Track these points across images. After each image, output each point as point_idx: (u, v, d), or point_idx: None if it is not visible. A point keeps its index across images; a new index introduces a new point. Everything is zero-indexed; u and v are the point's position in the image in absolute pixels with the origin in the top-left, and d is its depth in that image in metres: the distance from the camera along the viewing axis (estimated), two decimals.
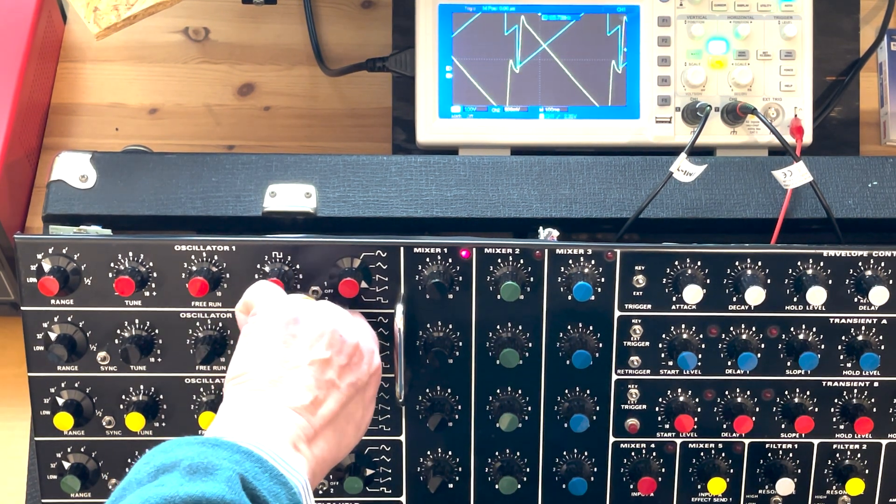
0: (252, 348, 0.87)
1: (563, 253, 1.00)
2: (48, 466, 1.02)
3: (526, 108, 1.16)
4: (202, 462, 0.72)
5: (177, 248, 0.99)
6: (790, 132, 1.15)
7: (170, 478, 0.71)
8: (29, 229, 1.21)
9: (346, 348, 0.88)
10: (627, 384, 1.02)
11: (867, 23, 1.29)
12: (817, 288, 0.98)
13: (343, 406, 0.87)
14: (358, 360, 0.89)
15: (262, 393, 0.83)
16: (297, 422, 0.82)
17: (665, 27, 1.16)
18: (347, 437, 0.88)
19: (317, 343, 0.87)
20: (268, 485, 0.74)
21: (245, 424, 0.81)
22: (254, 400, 0.83)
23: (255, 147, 1.27)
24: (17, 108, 1.17)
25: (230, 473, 0.72)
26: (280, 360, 0.85)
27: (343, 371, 0.87)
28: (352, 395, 0.88)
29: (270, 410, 0.82)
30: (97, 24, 1.06)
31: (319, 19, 1.30)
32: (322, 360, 0.86)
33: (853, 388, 1.03)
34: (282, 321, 0.88)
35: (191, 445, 0.74)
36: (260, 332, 0.88)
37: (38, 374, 1.00)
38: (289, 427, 0.82)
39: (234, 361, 0.87)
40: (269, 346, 0.86)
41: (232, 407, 0.83)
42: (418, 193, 1.07)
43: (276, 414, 0.82)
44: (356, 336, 0.91)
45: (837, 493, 1.05)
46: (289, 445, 0.80)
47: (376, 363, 0.92)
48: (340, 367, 0.87)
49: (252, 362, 0.86)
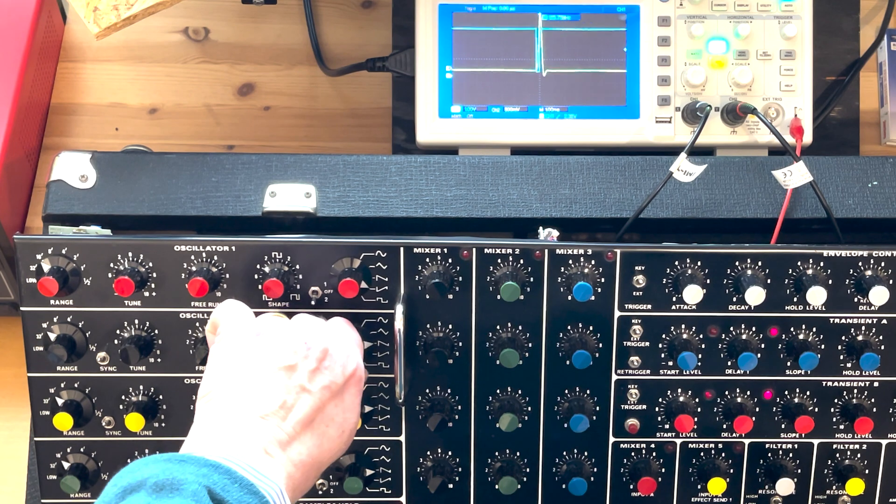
0: (217, 365, 0.87)
1: (563, 253, 1.00)
2: (48, 466, 1.02)
3: (526, 108, 1.16)
4: (168, 479, 0.72)
5: (177, 248, 0.99)
6: (790, 132, 1.15)
7: (136, 498, 0.71)
8: (29, 229, 1.21)
9: (314, 353, 0.88)
10: (627, 384, 1.02)
11: (867, 23, 1.29)
12: (817, 288, 0.98)
13: (318, 409, 0.86)
14: (330, 363, 0.88)
15: (228, 405, 0.83)
16: (266, 428, 0.82)
17: (665, 27, 1.16)
18: (330, 439, 0.87)
19: (281, 350, 0.87)
20: (237, 495, 0.73)
21: (213, 437, 0.80)
22: (221, 413, 0.83)
23: (255, 147, 1.27)
24: (17, 108, 1.17)
25: (196, 487, 0.71)
26: (245, 372, 0.85)
27: (313, 375, 0.87)
28: (327, 399, 0.87)
29: (238, 420, 0.82)
30: (97, 24, 1.06)
31: (319, 19, 1.30)
32: (288, 366, 0.86)
33: (853, 388, 1.03)
34: (244, 335, 0.88)
35: (157, 463, 0.74)
36: (224, 349, 0.88)
37: (38, 375, 1.00)
38: (258, 434, 0.81)
39: (203, 380, 0.87)
40: (233, 361, 0.86)
41: (200, 424, 0.83)
42: (418, 193, 1.07)
43: (244, 423, 0.82)
44: (325, 341, 0.89)
45: (837, 493, 1.05)
46: (259, 452, 0.80)
47: (352, 367, 0.90)
48: (310, 372, 0.86)
49: (218, 378, 0.86)
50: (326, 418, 0.87)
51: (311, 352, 0.88)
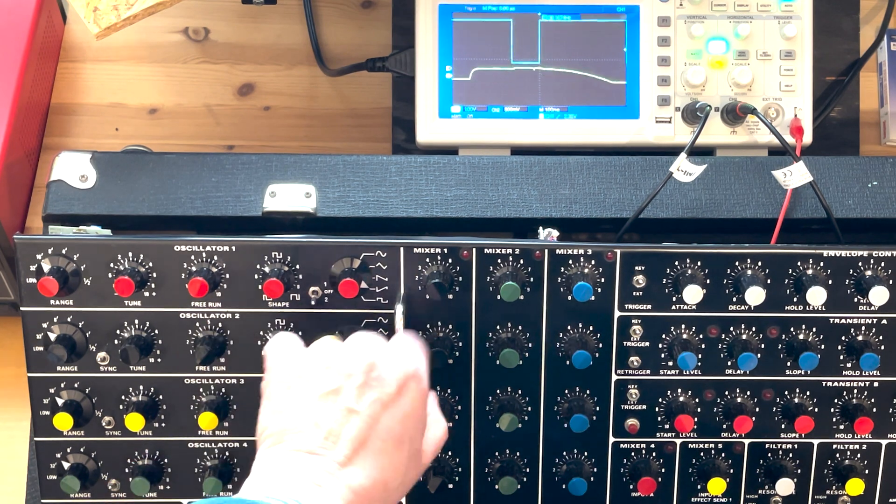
0: (268, 401, 0.86)
1: (563, 253, 1.00)
2: (48, 467, 1.02)
3: (526, 108, 1.16)
4: None
5: (176, 248, 0.99)
6: (790, 132, 1.15)
7: None
8: (29, 229, 1.21)
9: (359, 367, 0.85)
10: (627, 384, 1.02)
11: (867, 23, 1.29)
12: (817, 288, 0.98)
13: (371, 427, 0.83)
14: (378, 374, 0.85)
15: (278, 446, 0.82)
16: (314, 463, 0.80)
17: (665, 27, 1.16)
18: (390, 455, 0.83)
19: (323, 376, 0.84)
20: None
21: (265, 479, 0.80)
22: (272, 454, 0.82)
23: (255, 147, 1.27)
24: (17, 108, 1.17)
25: None
26: (288, 407, 0.84)
27: (361, 391, 0.84)
28: (378, 412, 0.83)
29: (287, 458, 0.81)
30: (97, 24, 1.06)
31: (319, 19, 1.30)
32: (331, 391, 0.83)
33: (853, 388, 1.03)
34: (286, 368, 0.87)
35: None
36: (270, 388, 0.87)
37: (38, 375, 1.00)
38: (307, 469, 0.80)
39: (259, 417, 0.86)
40: (278, 397, 0.85)
41: (257, 467, 0.82)
42: (418, 193, 1.07)
43: (292, 460, 0.81)
44: (371, 354, 0.86)
45: (837, 493, 1.05)
46: (310, 486, 0.78)
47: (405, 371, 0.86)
48: (357, 388, 0.84)
49: (268, 417, 0.85)
50: (383, 433, 0.83)
51: (355, 367, 0.85)
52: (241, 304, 1.00)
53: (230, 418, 1.01)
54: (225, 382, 1.01)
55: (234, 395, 1.01)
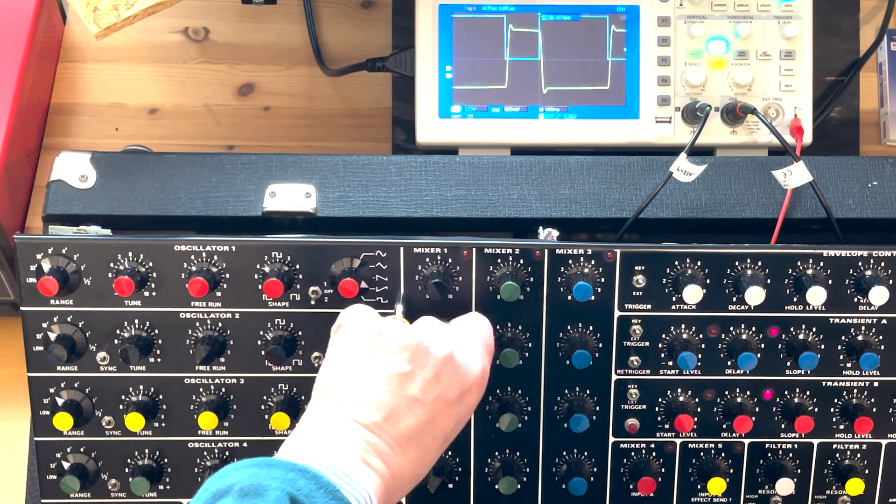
0: (334, 360, 0.86)
1: (563, 253, 1.00)
2: (48, 466, 1.02)
3: (526, 108, 1.16)
4: (253, 484, 0.72)
5: (177, 248, 0.99)
6: (790, 132, 1.15)
7: (224, 502, 0.72)
8: (29, 229, 1.21)
9: (433, 361, 0.85)
10: (627, 384, 1.02)
11: (867, 23, 1.29)
12: (817, 288, 0.98)
13: (429, 422, 0.83)
14: (450, 371, 0.85)
15: (336, 407, 0.82)
16: (366, 437, 0.81)
17: (665, 27, 1.16)
18: (434, 451, 0.85)
19: (398, 356, 0.84)
20: (322, 502, 0.73)
21: (314, 438, 0.80)
22: (328, 414, 0.82)
23: (255, 147, 1.27)
24: (17, 108, 1.17)
25: (278, 493, 0.72)
26: (358, 373, 0.84)
27: (429, 385, 0.84)
28: (440, 410, 0.84)
29: (341, 425, 0.81)
30: (97, 24, 1.06)
31: (319, 19, 1.30)
32: (401, 374, 0.83)
33: (853, 388, 1.03)
34: (365, 333, 0.86)
35: (246, 468, 0.75)
36: (343, 344, 0.87)
37: (38, 375, 1.00)
38: (357, 442, 0.80)
39: (320, 372, 0.86)
40: (349, 358, 0.85)
41: (308, 420, 0.83)
42: (418, 193, 1.07)
43: (345, 429, 0.81)
44: (448, 347, 0.86)
45: (837, 493, 1.05)
46: (356, 460, 0.79)
47: (473, 374, 0.87)
48: (426, 381, 0.84)
49: (332, 374, 0.85)
50: (436, 430, 0.84)
51: (430, 359, 0.85)
52: (241, 304, 1.00)
53: (230, 418, 1.01)
54: (225, 382, 1.01)
55: (234, 395, 1.01)
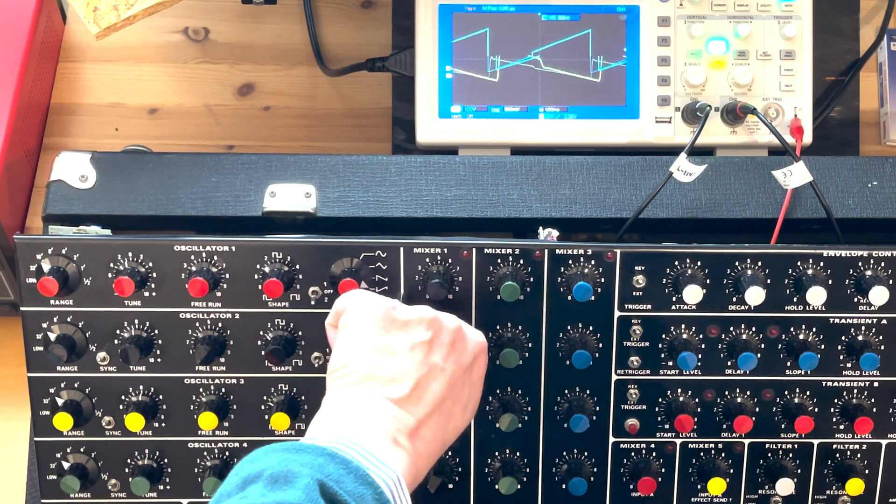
0: (351, 340, 0.86)
1: (563, 253, 1.00)
2: (48, 466, 1.02)
3: (526, 108, 1.16)
4: (283, 470, 0.72)
5: (176, 248, 0.99)
6: (790, 132, 1.15)
7: (254, 488, 0.72)
8: (29, 229, 1.21)
9: (447, 330, 0.88)
10: (627, 384, 1.02)
11: (867, 23, 1.29)
12: (817, 288, 0.98)
13: (450, 388, 0.86)
14: (462, 339, 0.89)
15: (361, 385, 0.83)
16: (396, 415, 0.82)
17: (665, 27, 1.16)
18: (455, 418, 0.87)
19: (417, 326, 0.87)
20: (351, 487, 0.73)
21: (340, 422, 0.81)
22: (352, 394, 0.83)
23: (255, 147, 1.27)
24: (17, 108, 1.17)
25: (308, 480, 0.72)
26: (379, 347, 0.85)
27: (448, 353, 0.87)
28: (458, 376, 0.87)
29: (368, 404, 0.82)
30: (97, 24, 1.06)
31: (319, 19, 1.30)
32: (423, 342, 0.86)
33: (853, 388, 1.03)
34: (380, 308, 0.88)
35: (276, 453, 0.75)
36: (358, 324, 0.87)
37: (38, 375, 1.00)
38: (387, 421, 0.81)
39: (333, 356, 0.87)
40: (368, 335, 0.86)
41: (331, 403, 0.83)
42: (418, 193, 1.07)
43: (374, 408, 0.82)
44: (455, 319, 0.90)
45: (837, 493, 1.05)
46: (385, 440, 0.80)
47: (480, 339, 0.91)
48: (444, 348, 0.87)
49: (352, 353, 0.85)
50: (455, 396, 0.87)
51: (443, 329, 0.88)
52: (241, 304, 1.00)
53: (230, 418, 1.01)
54: (225, 382, 1.01)
55: (234, 395, 1.01)
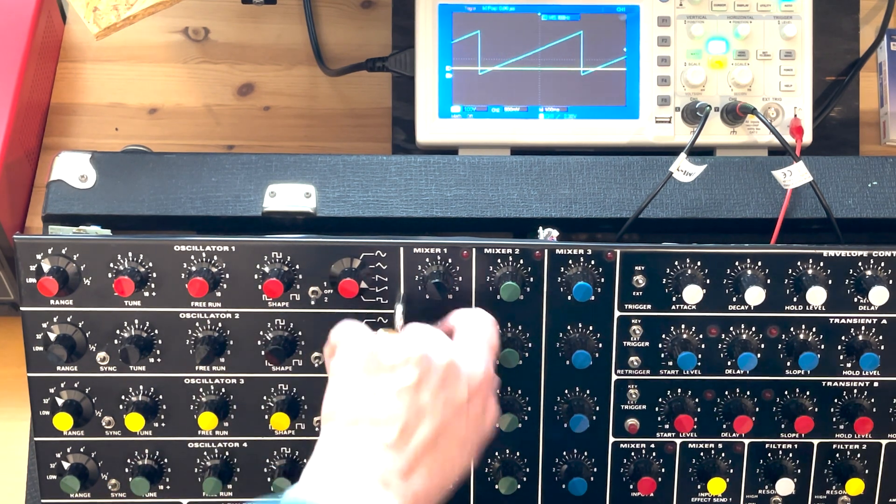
0: (338, 384, 0.86)
1: (563, 253, 1.00)
2: (48, 466, 1.02)
3: (526, 108, 1.16)
4: None
5: (176, 248, 0.99)
6: (790, 132, 1.15)
7: None
8: (28, 229, 1.21)
9: (437, 369, 0.85)
10: (627, 384, 1.02)
11: (867, 23, 1.29)
12: (817, 288, 0.98)
13: (441, 429, 0.83)
14: (454, 377, 0.85)
15: (347, 432, 0.82)
16: (384, 458, 0.80)
17: (665, 27, 1.16)
18: (453, 458, 0.85)
19: (403, 368, 0.84)
20: None
21: (331, 471, 0.80)
22: (340, 441, 0.82)
23: (255, 147, 1.27)
24: (17, 108, 1.17)
25: None
26: (365, 393, 0.84)
27: (437, 392, 0.84)
28: (449, 416, 0.84)
29: (357, 449, 0.81)
30: (97, 24, 1.06)
31: (319, 19, 1.30)
32: (409, 387, 0.83)
33: (853, 388, 1.03)
34: (365, 352, 0.86)
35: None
36: (344, 367, 0.86)
37: (38, 375, 1.00)
38: (375, 466, 0.80)
39: (325, 397, 0.86)
40: (353, 380, 0.85)
41: (322, 447, 0.82)
42: (418, 193, 1.07)
43: (363, 452, 0.81)
44: (448, 355, 0.86)
45: (837, 493, 1.05)
46: (376, 485, 0.79)
47: (479, 377, 0.87)
48: (433, 389, 0.84)
49: (338, 399, 0.85)
50: (450, 436, 0.84)
51: (433, 367, 0.84)
52: (241, 304, 1.00)
53: (230, 418, 1.01)
54: (225, 382, 1.01)
55: (234, 395, 1.01)
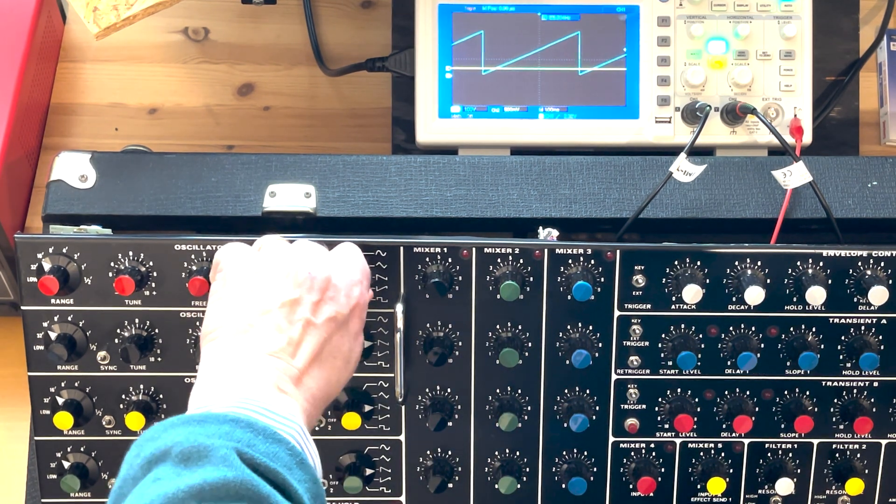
0: (221, 302, 0.86)
1: (563, 253, 1.00)
2: (48, 466, 1.02)
3: (525, 108, 1.16)
4: (193, 445, 0.70)
5: (177, 247, 0.99)
6: (790, 132, 1.16)
7: (164, 469, 0.69)
8: (28, 229, 1.21)
9: (317, 283, 0.86)
10: (627, 384, 1.02)
11: (867, 23, 1.29)
12: (817, 288, 0.98)
13: (325, 342, 0.85)
14: (333, 293, 0.87)
15: (235, 344, 0.82)
16: (276, 365, 0.81)
17: (665, 27, 1.16)
18: (337, 371, 0.86)
19: (284, 283, 0.85)
20: (263, 448, 0.72)
21: (225, 381, 0.79)
22: (229, 353, 0.82)
23: (255, 147, 1.27)
24: (17, 108, 1.17)
25: (224, 451, 0.70)
26: (249, 308, 0.84)
27: (317, 307, 0.86)
28: (333, 330, 0.86)
29: (247, 360, 0.81)
30: (97, 24, 1.06)
31: (319, 19, 1.30)
32: (292, 300, 0.85)
33: (853, 388, 1.03)
34: (246, 270, 0.87)
35: (177, 427, 0.72)
36: (227, 285, 0.87)
37: (38, 374, 1.00)
38: (270, 372, 0.80)
39: (205, 319, 0.86)
40: (236, 297, 0.85)
41: (210, 366, 0.81)
42: (418, 193, 1.07)
43: (254, 362, 0.81)
44: (327, 270, 0.88)
45: (837, 493, 1.05)
46: (274, 390, 0.79)
47: (356, 295, 0.89)
48: (314, 304, 0.85)
49: (222, 316, 0.85)
50: (334, 350, 0.86)
51: (314, 283, 0.86)
52: None
53: None
54: None
55: None
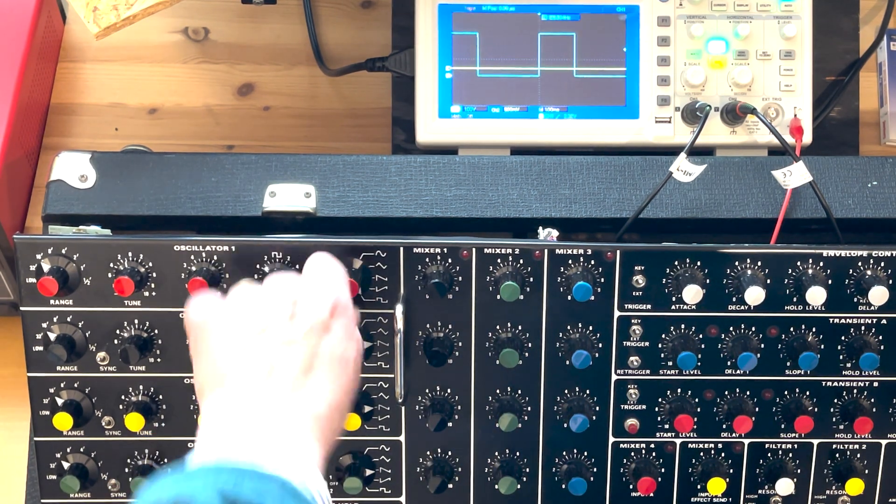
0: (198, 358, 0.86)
1: (563, 253, 1.00)
2: (47, 466, 1.02)
3: (525, 108, 1.16)
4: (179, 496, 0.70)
5: (176, 248, 0.99)
6: (790, 132, 1.15)
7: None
8: (28, 229, 1.21)
9: (285, 302, 0.85)
10: (627, 384, 1.02)
11: (867, 23, 1.29)
12: (817, 288, 0.98)
13: (313, 353, 0.83)
14: (304, 302, 0.86)
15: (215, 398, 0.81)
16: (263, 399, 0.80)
17: (665, 27, 1.16)
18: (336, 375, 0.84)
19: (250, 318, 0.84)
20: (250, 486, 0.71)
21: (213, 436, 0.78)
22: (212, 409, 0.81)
23: (255, 147, 1.27)
24: (17, 108, 1.17)
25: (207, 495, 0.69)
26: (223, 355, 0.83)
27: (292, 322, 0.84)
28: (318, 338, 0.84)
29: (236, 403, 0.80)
30: (97, 24, 1.06)
31: (319, 19, 1.30)
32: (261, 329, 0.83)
33: (853, 388, 1.03)
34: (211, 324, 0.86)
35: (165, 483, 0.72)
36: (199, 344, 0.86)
37: (38, 375, 1.00)
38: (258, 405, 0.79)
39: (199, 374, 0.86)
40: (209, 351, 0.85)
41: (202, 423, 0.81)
42: (418, 193, 1.07)
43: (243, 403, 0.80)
44: (293, 285, 0.87)
45: (837, 493, 1.05)
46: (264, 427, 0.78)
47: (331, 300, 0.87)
48: (287, 321, 0.84)
49: (203, 372, 0.85)
50: (325, 358, 0.84)
51: (282, 302, 0.85)
52: None
53: None
54: None
55: None
